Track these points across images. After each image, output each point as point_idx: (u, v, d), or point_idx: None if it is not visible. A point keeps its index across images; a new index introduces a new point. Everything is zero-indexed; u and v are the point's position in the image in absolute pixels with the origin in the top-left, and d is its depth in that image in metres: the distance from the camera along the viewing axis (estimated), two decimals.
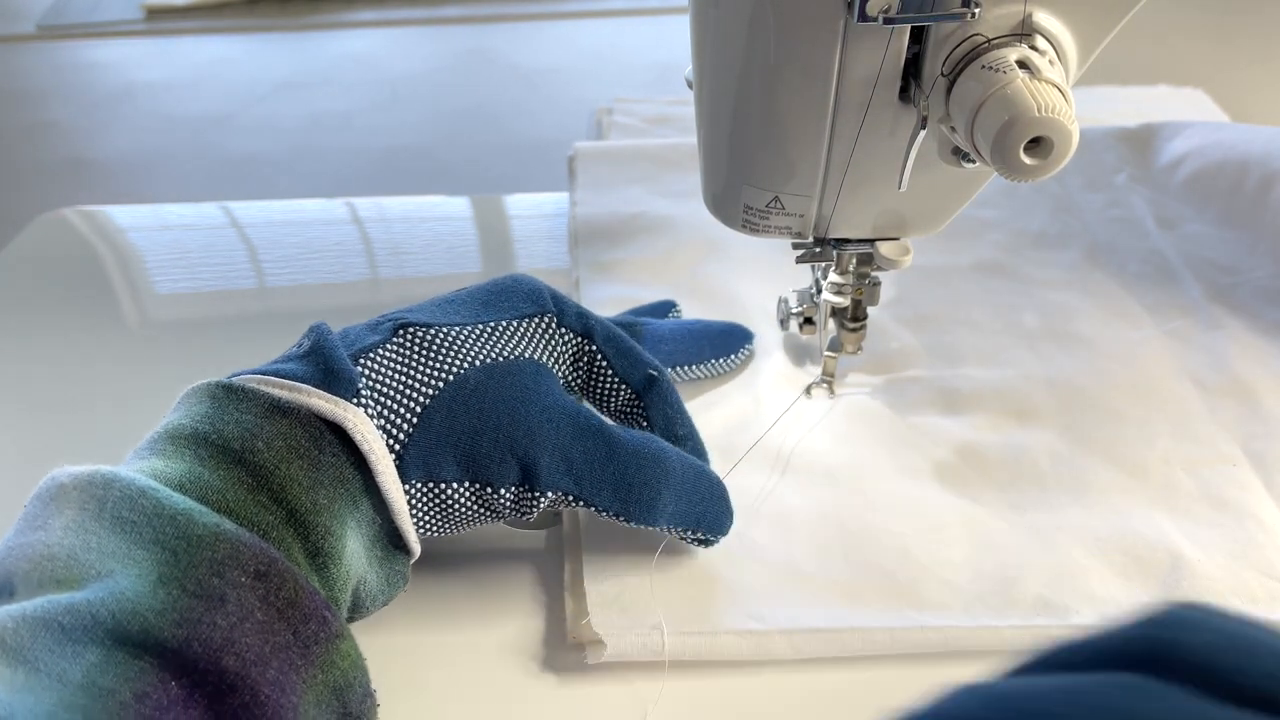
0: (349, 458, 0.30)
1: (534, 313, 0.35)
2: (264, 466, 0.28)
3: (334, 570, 0.29)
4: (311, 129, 0.72)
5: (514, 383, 0.33)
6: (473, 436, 0.32)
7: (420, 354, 0.32)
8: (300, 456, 0.29)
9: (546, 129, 0.70)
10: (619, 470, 0.33)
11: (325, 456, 0.29)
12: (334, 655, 0.27)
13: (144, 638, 0.24)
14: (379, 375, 0.32)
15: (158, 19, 0.88)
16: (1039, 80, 0.26)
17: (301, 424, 0.29)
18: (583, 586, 0.35)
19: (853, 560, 0.36)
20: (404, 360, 0.32)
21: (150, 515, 0.26)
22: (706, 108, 0.35)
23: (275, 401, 0.29)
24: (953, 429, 0.42)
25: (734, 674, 0.34)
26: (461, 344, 0.33)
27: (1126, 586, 0.35)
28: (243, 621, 0.25)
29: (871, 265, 0.40)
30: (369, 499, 0.30)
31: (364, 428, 0.30)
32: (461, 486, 0.32)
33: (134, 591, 0.24)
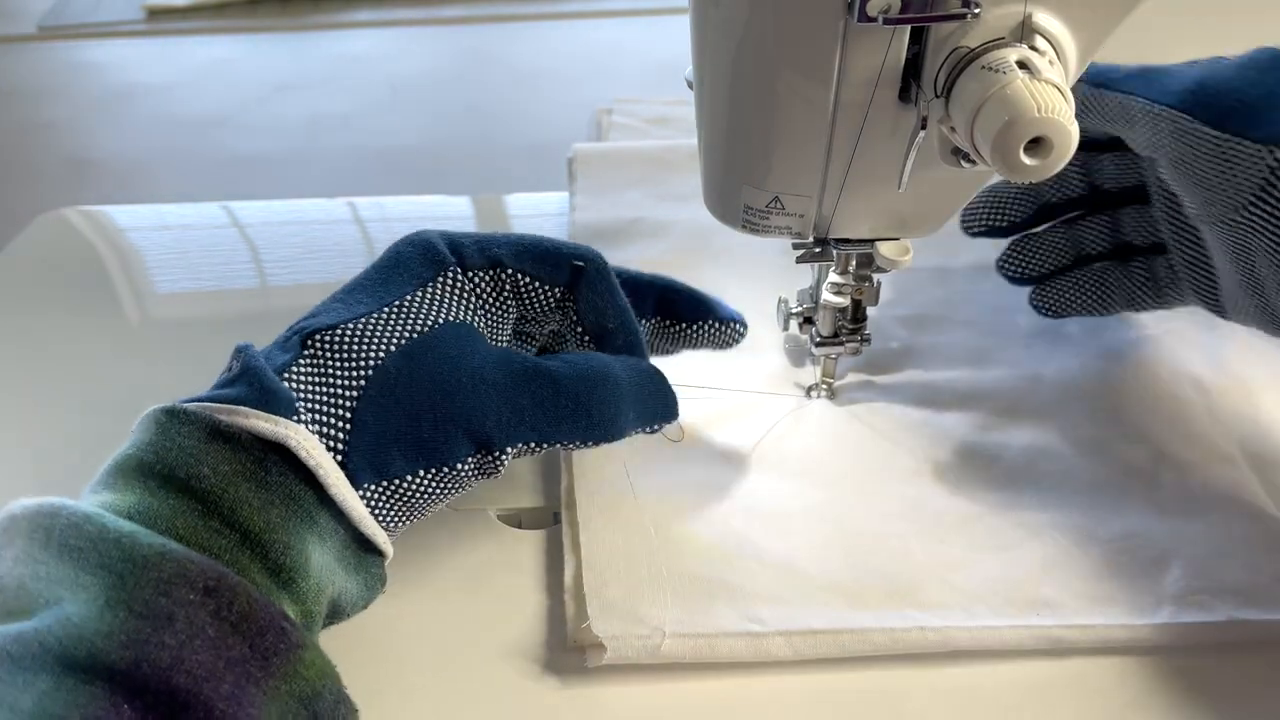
0: (296, 475, 0.30)
1: (433, 275, 0.35)
2: (211, 492, 0.28)
3: (302, 585, 0.29)
4: (312, 129, 0.72)
5: (436, 356, 0.32)
6: (411, 423, 0.31)
7: (334, 358, 0.32)
8: (247, 479, 0.29)
9: (546, 129, 0.70)
10: (571, 402, 0.33)
11: (272, 476, 0.29)
12: (296, 665, 0.26)
13: (92, 662, 0.24)
14: (303, 390, 0.31)
15: (158, 19, 0.88)
16: (1039, 80, 0.26)
17: (244, 447, 0.29)
18: (583, 590, 0.35)
19: (852, 561, 0.36)
20: (320, 369, 0.32)
21: (95, 540, 0.25)
22: (706, 108, 0.35)
23: (216, 426, 0.29)
24: (951, 429, 0.42)
25: (734, 676, 0.34)
26: (371, 334, 0.32)
27: (1124, 585, 0.35)
28: (192, 639, 0.25)
29: (871, 266, 0.40)
30: (325, 511, 0.30)
31: (307, 444, 0.30)
32: (416, 476, 0.32)
33: (80, 617, 0.24)
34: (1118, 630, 0.34)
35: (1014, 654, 0.34)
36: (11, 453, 0.44)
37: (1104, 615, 0.34)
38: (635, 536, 0.37)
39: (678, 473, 0.40)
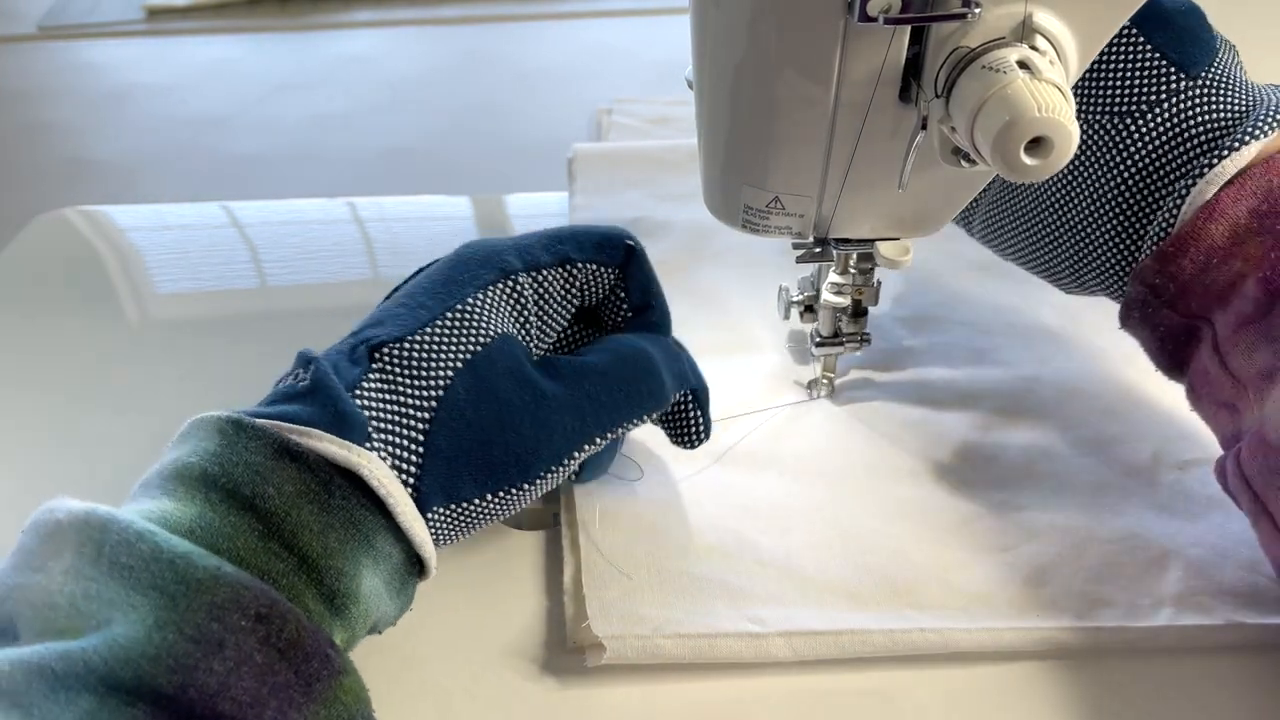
0: (360, 499, 0.29)
1: (493, 278, 0.35)
2: (274, 513, 0.28)
3: (353, 611, 0.29)
4: (312, 129, 0.72)
5: (499, 372, 0.32)
6: (483, 449, 0.31)
7: (404, 375, 0.32)
8: (311, 501, 0.28)
9: (546, 129, 0.70)
10: (623, 389, 0.34)
11: (335, 500, 0.29)
12: (337, 691, 0.26)
13: (137, 684, 0.24)
14: (373, 409, 0.31)
15: (158, 19, 0.88)
16: (1039, 80, 0.26)
17: (311, 468, 0.29)
18: (582, 590, 0.35)
19: (852, 561, 0.36)
20: (391, 387, 0.32)
21: (148, 560, 0.25)
22: (706, 108, 0.35)
23: (285, 444, 0.29)
24: (951, 429, 0.42)
25: (733, 676, 0.34)
26: (438, 348, 0.32)
27: (1124, 586, 0.35)
28: (240, 666, 0.24)
29: (872, 265, 0.40)
30: (382, 537, 0.30)
31: (379, 473, 0.30)
32: (484, 499, 0.32)
33: (128, 638, 0.24)
34: (1117, 632, 0.34)
35: (1013, 655, 0.34)
36: (11, 452, 0.44)
37: (1103, 617, 0.34)
38: (634, 536, 0.37)
39: (677, 473, 0.40)
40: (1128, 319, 0.37)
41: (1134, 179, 0.35)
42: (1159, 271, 0.34)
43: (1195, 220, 0.33)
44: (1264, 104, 0.34)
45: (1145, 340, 0.37)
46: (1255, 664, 0.34)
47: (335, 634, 0.29)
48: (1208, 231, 0.33)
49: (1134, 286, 0.35)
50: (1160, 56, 0.35)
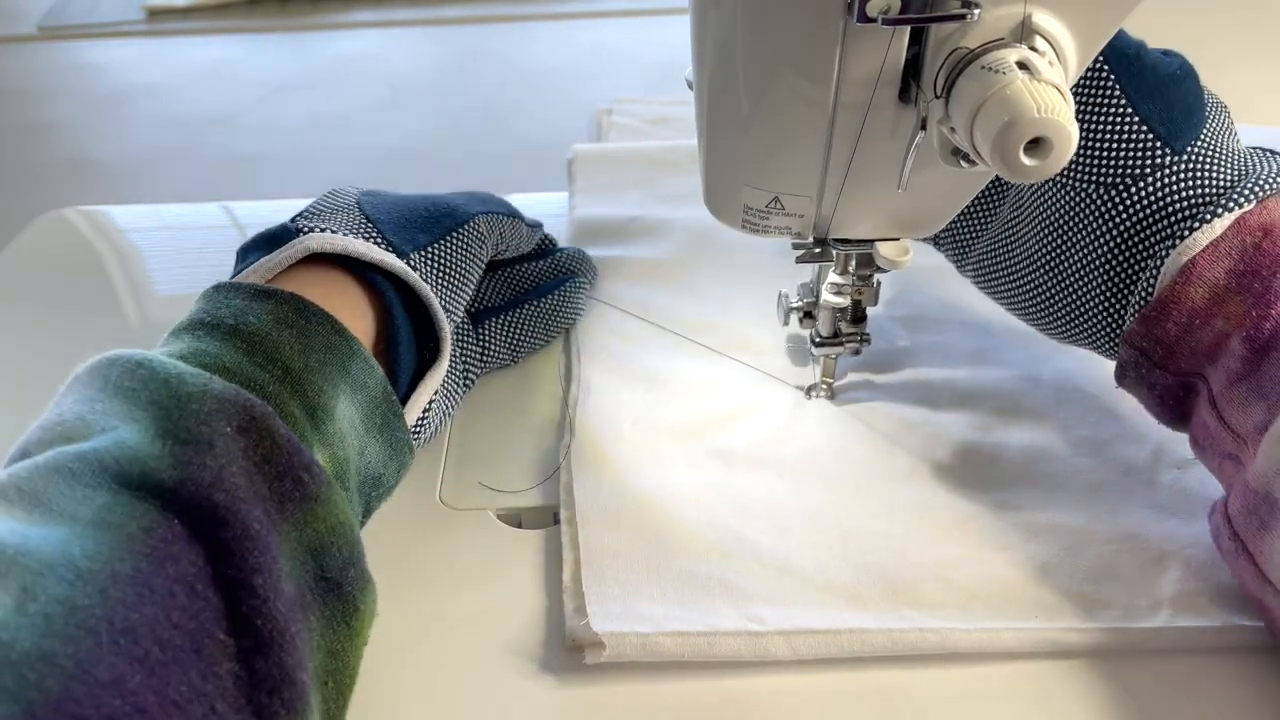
0: (333, 326, 0.33)
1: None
2: (256, 333, 0.31)
3: (330, 428, 0.31)
4: (312, 129, 0.72)
5: (385, 196, 0.41)
6: (409, 212, 0.40)
7: (323, 212, 0.39)
8: (288, 326, 0.32)
9: (547, 129, 0.70)
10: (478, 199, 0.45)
11: (312, 326, 0.32)
12: (308, 516, 0.28)
13: (144, 480, 0.26)
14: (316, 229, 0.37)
15: (158, 20, 0.88)
16: (1038, 81, 0.26)
17: (286, 301, 0.32)
18: (582, 588, 0.35)
19: (851, 561, 0.36)
20: (322, 217, 0.38)
21: (147, 381, 0.28)
22: (706, 108, 0.35)
23: (261, 289, 0.33)
24: (950, 429, 0.42)
25: (733, 675, 0.34)
26: (337, 198, 0.41)
27: (1123, 588, 0.35)
28: (230, 464, 0.27)
29: (871, 266, 0.40)
30: (358, 364, 0.33)
31: (328, 239, 0.36)
32: (443, 241, 0.40)
33: (135, 441, 0.26)
34: (1115, 633, 0.34)
35: (1012, 655, 0.34)
36: None
37: (1101, 618, 0.34)
38: (634, 535, 0.37)
39: (677, 472, 0.40)
40: (1123, 379, 0.37)
41: (1120, 247, 0.36)
42: (1144, 335, 0.35)
43: (1174, 284, 0.34)
44: (1249, 175, 0.35)
45: (1144, 399, 0.38)
46: (1253, 665, 0.34)
47: (317, 450, 0.31)
48: (1187, 294, 0.34)
49: (1124, 349, 0.36)
50: (1147, 130, 0.35)
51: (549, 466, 0.42)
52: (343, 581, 0.29)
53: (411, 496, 0.41)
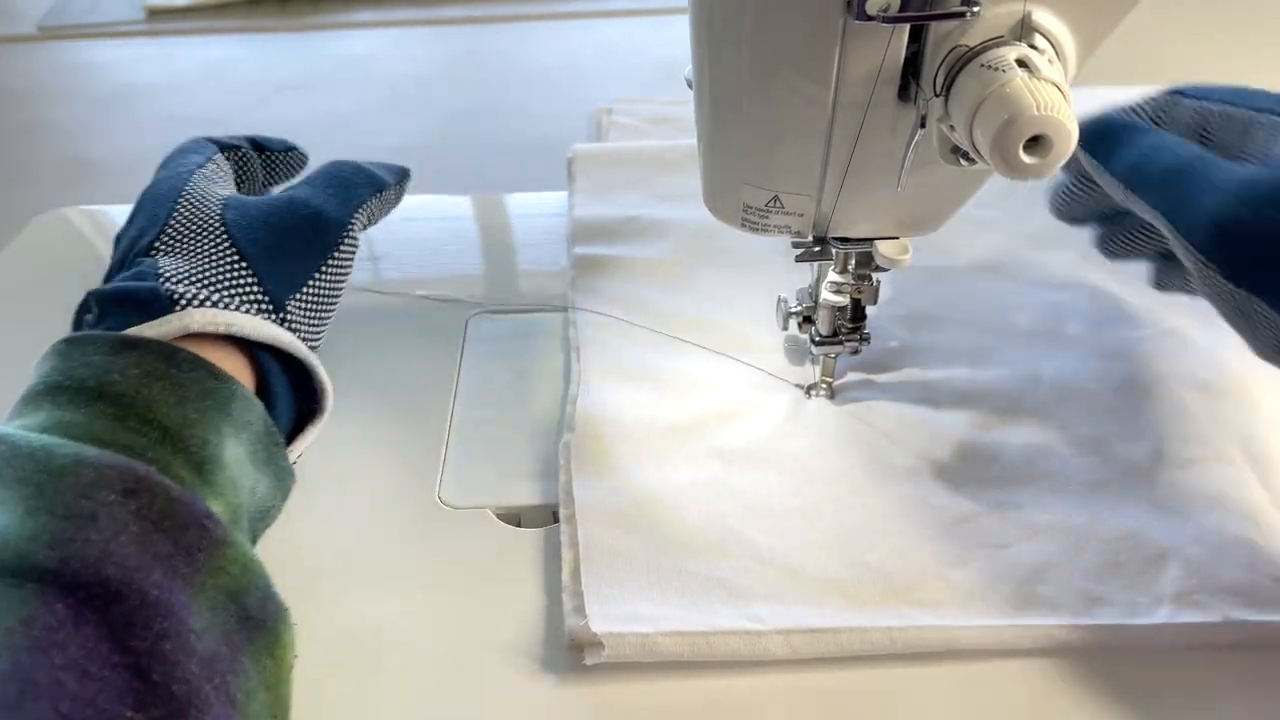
0: (208, 369, 0.31)
1: (201, 162, 0.41)
2: (124, 394, 0.28)
3: (220, 477, 0.29)
4: (313, 129, 0.72)
5: (251, 199, 0.38)
6: (282, 237, 0.37)
7: (187, 237, 0.36)
8: (158, 379, 0.29)
9: (547, 129, 0.70)
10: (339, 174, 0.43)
11: (184, 374, 0.30)
12: (221, 561, 0.27)
13: (19, 564, 0.24)
14: (183, 272, 0.34)
15: (158, 20, 0.88)
16: (1038, 79, 0.26)
17: (152, 350, 0.30)
18: (581, 587, 0.35)
19: (850, 560, 0.36)
20: (185, 251, 0.35)
21: (8, 458, 0.26)
22: (706, 107, 0.35)
23: (121, 339, 0.30)
24: (950, 428, 0.42)
25: (732, 674, 0.34)
26: (197, 209, 0.37)
27: (1124, 585, 0.35)
28: (118, 534, 0.25)
29: (871, 265, 0.40)
30: (238, 404, 0.31)
31: (206, 317, 0.32)
32: (320, 274, 0.37)
33: (4, 525, 0.24)
34: (1115, 630, 0.34)
35: (1012, 653, 0.34)
36: None
37: (1102, 615, 0.34)
38: (633, 534, 0.37)
39: (676, 471, 0.40)
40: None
41: None
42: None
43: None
44: None
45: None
46: (1254, 662, 0.34)
47: (211, 502, 0.29)
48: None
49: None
50: None
51: (548, 465, 0.42)
52: (265, 617, 0.28)
53: (411, 496, 0.41)
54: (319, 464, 0.42)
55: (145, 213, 0.38)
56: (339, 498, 0.41)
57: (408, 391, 0.46)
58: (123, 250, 0.37)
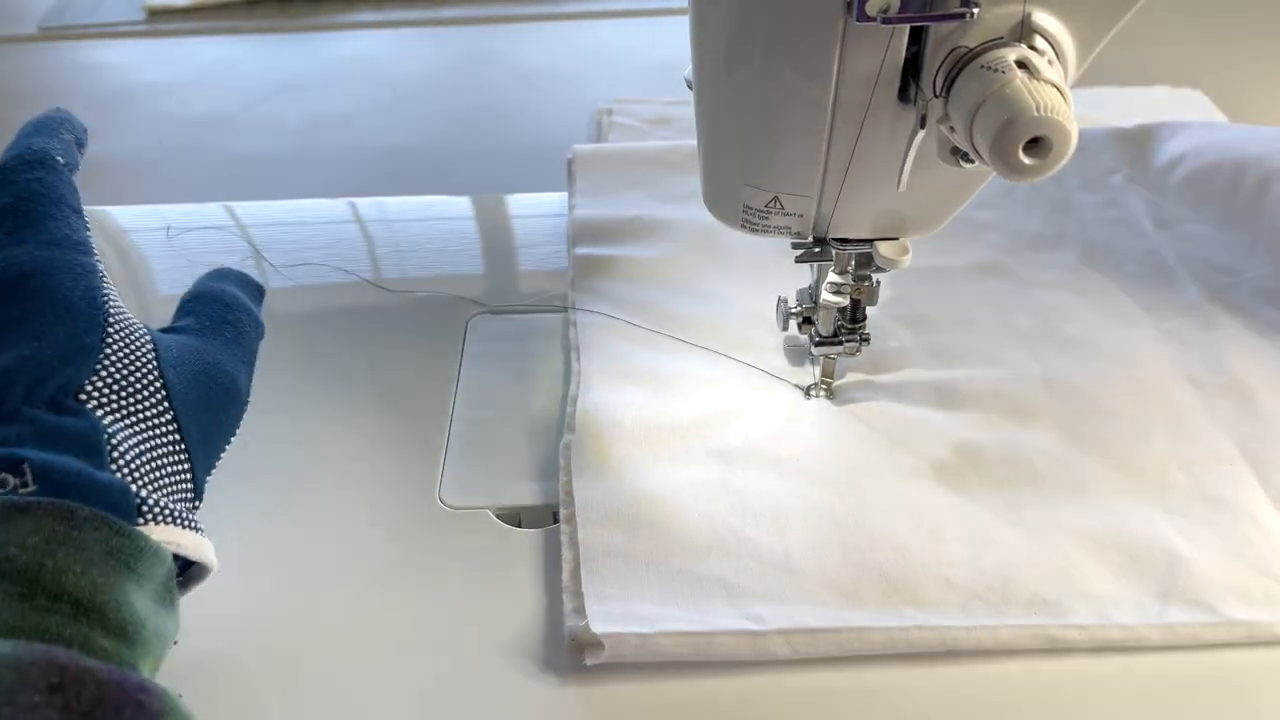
0: (111, 528, 0.27)
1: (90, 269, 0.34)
2: (27, 569, 0.26)
3: (142, 634, 0.27)
4: (313, 130, 0.71)
5: (186, 359, 0.34)
6: (215, 416, 0.33)
7: (127, 403, 0.31)
8: (61, 544, 0.26)
9: (547, 129, 0.70)
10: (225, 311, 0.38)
11: (87, 535, 0.27)
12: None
13: None
14: (129, 457, 0.29)
15: (159, 20, 0.88)
16: (1038, 80, 0.26)
17: (48, 513, 0.27)
18: (581, 587, 0.35)
19: (850, 560, 0.36)
20: (126, 418, 0.30)
21: None
22: (706, 108, 0.35)
23: (12, 504, 0.27)
24: (950, 428, 0.42)
25: (732, 674, 0.34)
26: (132, 363, 0.32)
27: (1123, 585, 0.35)
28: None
29: (871, 265, 0.40)
30: (145, 560, 0.28)
31: (177, 539, 0.29)
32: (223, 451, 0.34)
33: None
34: (1116, 630, 0.34)
35: (1012, 653, 0.34)
36: None
37: (1102, 615, 0.34)
38: (633, 534, 0.37)
39: (677, 471, 0.40)
40: None
41: None
42: None
43: None
44: None
45: None
46: (1257, 662, 0.34)
47: (142, 664, 0.27)
48: None
49: None
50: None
51: (548, 465, 0.42)
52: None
53: (411, 496, 0.41)
54: (320, 464, 0.42)
55: (53, 318, 0.31)
56: (339, 498, 0.41)
57: (408, 392, 0.46)
58: (28, 363, 0.30)
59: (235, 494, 0.39)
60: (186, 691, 0.27)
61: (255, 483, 0.41)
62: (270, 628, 0.36)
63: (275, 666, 0.34)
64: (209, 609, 0.32)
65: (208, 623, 0.33)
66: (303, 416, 0.44)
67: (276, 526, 0.40)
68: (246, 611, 0.36)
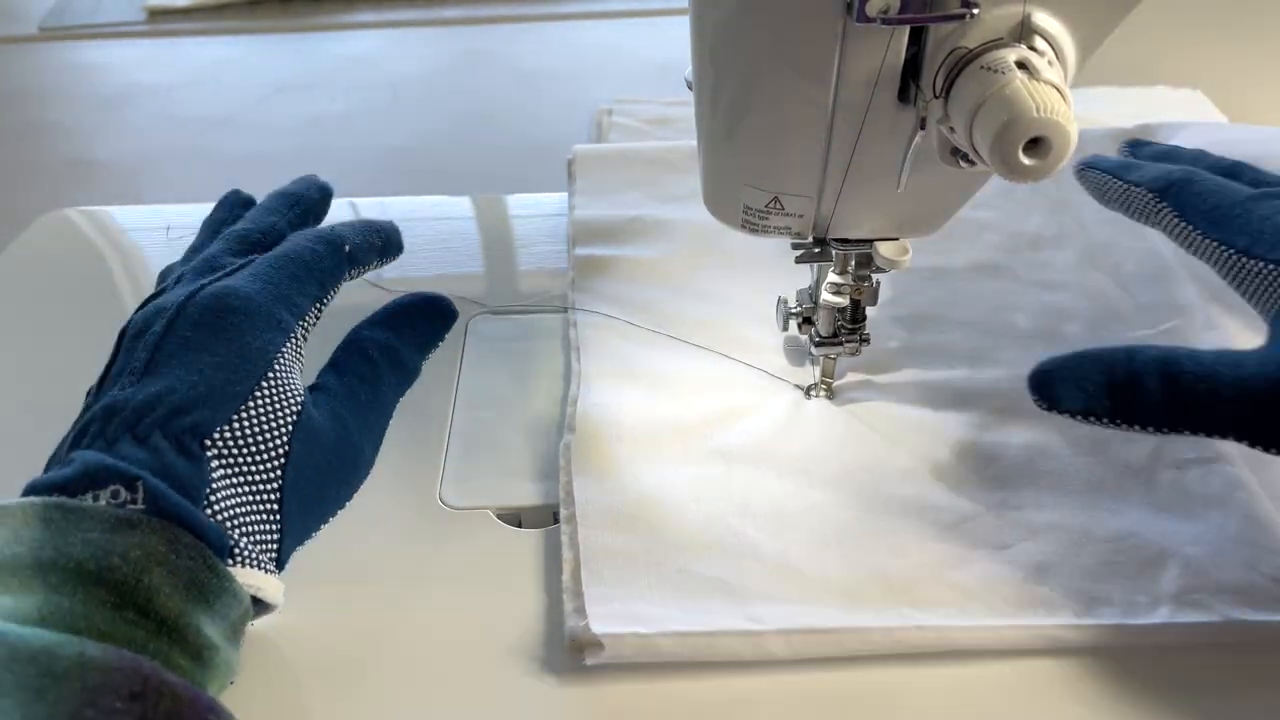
0: (204, 560, 0.29)
1: (281, 341, 0.35)
2: (124, 582, 0.27)
3: (217, 660, 0.29)
4: (313, 130, 0.72)
5: (318, 433, 0.34)
6: (320, 494, 0.34)
7: (245, 457, 0.32)
8: (158, 563, 0.28)
9: (547, 129, 0.70)
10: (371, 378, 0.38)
11: (182, 561, 0.28)
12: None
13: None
14: (226, 506, 0.31)
15: (159, 20, 0.88)
16: (1038, 81, 0.26)
17: (155, 532, 0.28)
18: (581, 588, 0.35)
19: (850, 560, 0.36)
20: (236, 473, 0.31)
21: (6, 661, 0.24)
22: (706, 109, 0.35)
23: (124, 517, 0.28)
24: (949, 428, 0.42)
25: (732, 674, 0.34)
26: (267, 422, 0.32)
27: (1122, 584, 0.35)
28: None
29: (870, 266, 0.40)
30: (223, 599, 0.29)
31: (254, 581, 0.30)
32: (325, 524, 0.35)
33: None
34: (1115, 630, 0.34)
35: (1011, 653, 0.34)
36: (12, 454, 0.44)
37: (1101, 615, 0.34)
38: (634, 535, 0.37)
39: (677, 471, 0.40)
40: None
41: None
42: None
43: None
44: None
45: None
46: (1253, 662, 0.34)
47: (210, 687, 0.28)
48: None
49: None
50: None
51: (549, 466, 0.42)
52: None
53: (411, 496, 0.41)
54: None
55: (223, 359, 0.33)
56: None
57: (408, 392, 0.46)
58: (177, 394, 0.31)
59: None
60: None
61: None
62: (270, 628, 0.36)
63: (273, 666, 0.34)
64: None
65: None
66: None
67: None
68: None
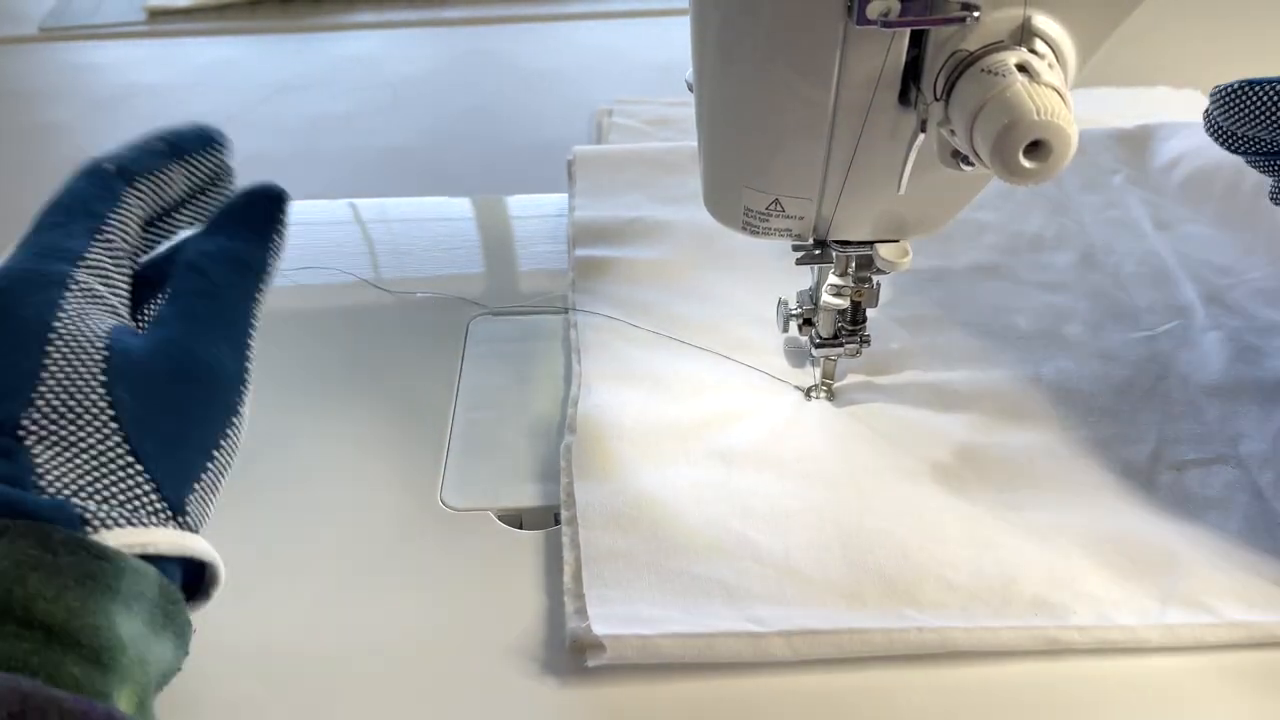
0: (89, 550, 0.26)
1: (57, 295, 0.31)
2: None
3: (123, 660, 0.26)
4: (313, 130, 0.72)
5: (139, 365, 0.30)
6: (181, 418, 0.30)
7: (65, 428, 0.28)
8: (34, 568, 0.25)
9: (547, 130, 0.70)
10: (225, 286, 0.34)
11: (62, 559, 0.26)
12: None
13: None
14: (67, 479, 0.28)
15: (159, 21, 0.88)
16: (1038, 83, 0.26)
17: (23, 535, 0.25)
18: (582, 589, 0.35)
19: (851, 561, 0.37)
20: (63, 446, 0.28)
21: None
22: (706, 110, 0.35)
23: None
24: (950, 430, 0.42)
25: (733, 676, 0.34)
26: (75, 383, 0.29)
27: (1123, 587, 0.35)
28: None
29: (871, 267, 0.40)
30: (128, 579, 0.27)
31: (126, 537, 0.27)
32: (215, 455, 0.31)
33: None
34: (1116, 631, 0.34)
35: (1012, 654, 0.34)
36: None
37: (1102, 616, 0.34)
38: (635, 536, 0.37)
39: (678, 473, 0.40)
40: None
41: None
42: None
43: None
44: None
45: None
46: (1254, 663, 0.34)
47: (119, 692, 0.26)
48: None
49: None
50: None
51: (550, 467, 0.42)
52: None
53: (412, 498, 0.41)
54: (320, 465, 0.42)
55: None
56: (340, 499, 0.41)
57: (409, 393, 0.46)
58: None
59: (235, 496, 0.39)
60: (182, 693, 0.27)
61: (255, 484, 0.41)
62: (269, 629, 0.36)
63: (274, 668, 0.35)
64: (208, 609, 0.32)
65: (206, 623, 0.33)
66: (303, 418, 0.44)
67: (277, 528, 0.40)
68: (246, 613, 0.36)
